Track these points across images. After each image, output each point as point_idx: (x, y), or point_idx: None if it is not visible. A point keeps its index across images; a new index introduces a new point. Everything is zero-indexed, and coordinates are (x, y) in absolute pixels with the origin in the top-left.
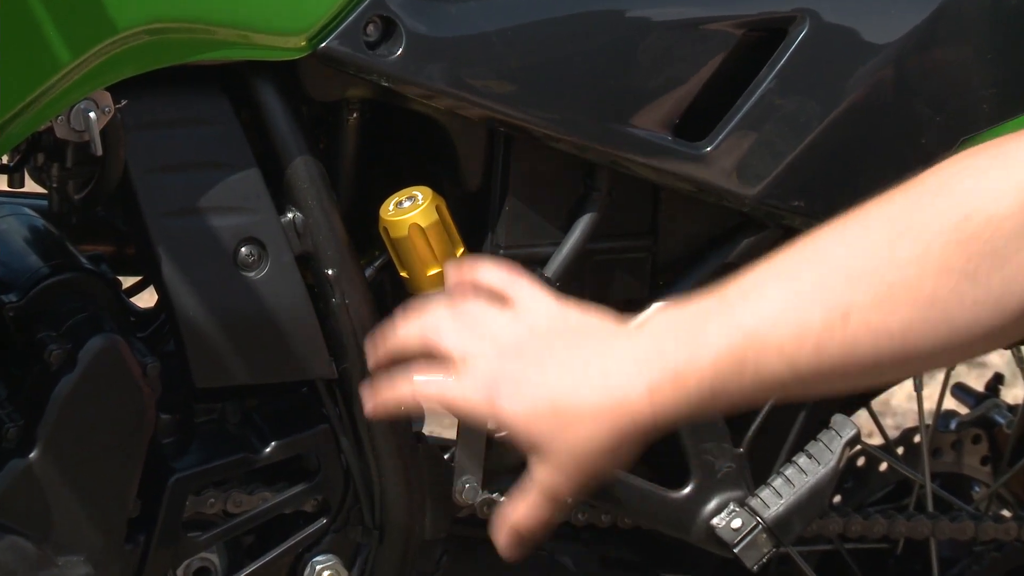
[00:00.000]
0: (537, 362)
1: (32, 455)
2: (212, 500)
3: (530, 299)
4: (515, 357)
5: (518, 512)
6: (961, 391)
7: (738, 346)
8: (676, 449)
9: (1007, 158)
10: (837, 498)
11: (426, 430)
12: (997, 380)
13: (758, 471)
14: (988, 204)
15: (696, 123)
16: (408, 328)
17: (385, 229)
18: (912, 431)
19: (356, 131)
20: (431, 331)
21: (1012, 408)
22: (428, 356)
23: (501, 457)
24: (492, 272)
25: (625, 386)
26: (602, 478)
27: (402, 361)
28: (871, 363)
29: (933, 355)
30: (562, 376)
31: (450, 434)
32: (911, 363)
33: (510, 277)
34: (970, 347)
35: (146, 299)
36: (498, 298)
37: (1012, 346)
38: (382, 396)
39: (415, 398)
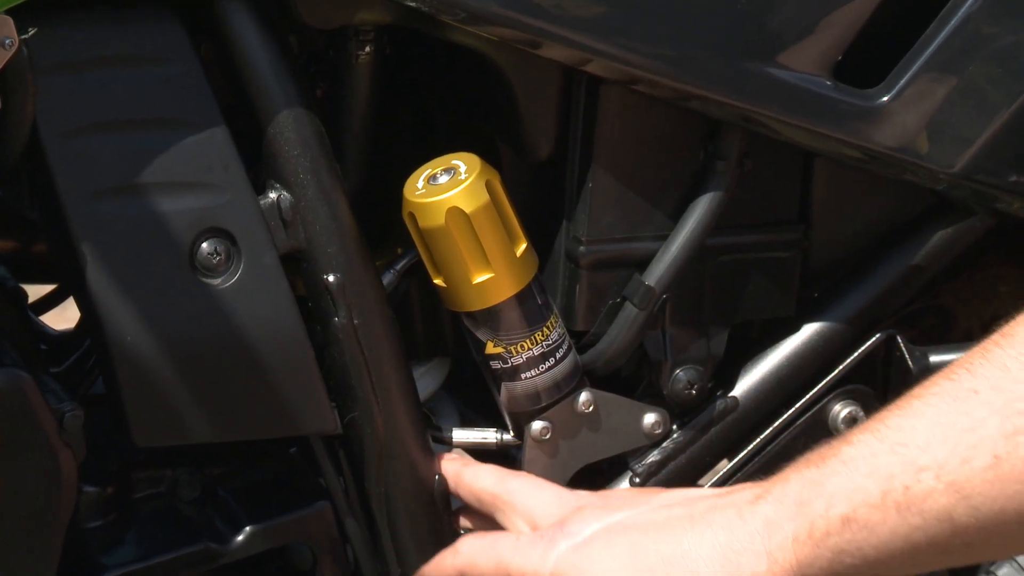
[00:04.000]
0: (637, 533)
1: None
2: None
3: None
4: (607, 529)
5: None
6: None
7: (884, 475)
8: None
9: None
10: None
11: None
12: None
13: None
14: None
15: (868, 63)
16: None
17: (412, 215)
18: None
19: (369, 73)
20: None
21: None
22: None
23: None
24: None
25: (742, 553)
26: None
27: None
28: None
29: None
30: (670, 547)
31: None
32: None
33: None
34: None
35: (58, 316)
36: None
37: None
38: None
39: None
